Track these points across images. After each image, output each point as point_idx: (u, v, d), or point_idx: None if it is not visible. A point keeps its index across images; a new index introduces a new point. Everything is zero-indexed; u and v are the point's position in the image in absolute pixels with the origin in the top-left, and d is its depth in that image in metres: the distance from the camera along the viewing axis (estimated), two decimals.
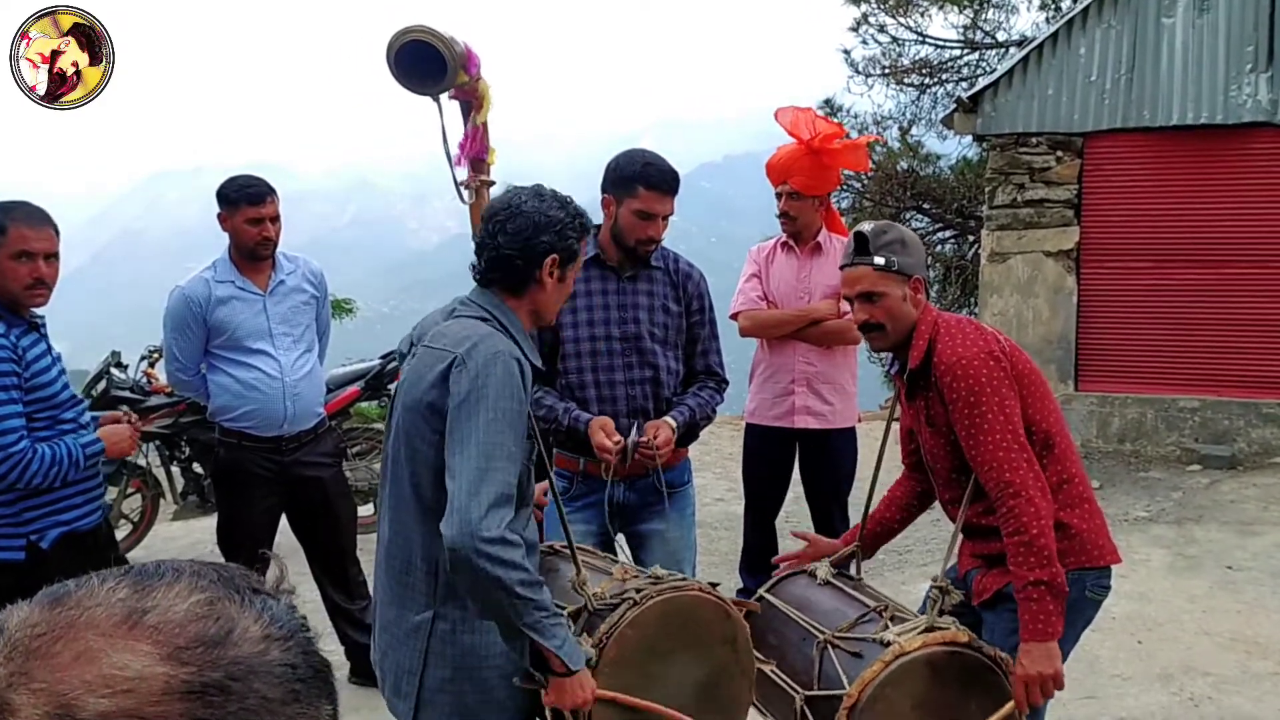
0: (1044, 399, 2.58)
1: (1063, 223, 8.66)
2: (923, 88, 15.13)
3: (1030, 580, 2.38)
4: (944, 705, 2.37)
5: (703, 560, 5.77)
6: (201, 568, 0.71)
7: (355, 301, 12.24)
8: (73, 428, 3.07)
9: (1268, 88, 8.03)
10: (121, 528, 5.95)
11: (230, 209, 3.81)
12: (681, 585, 2.40)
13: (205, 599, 0.68)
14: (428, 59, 3.11)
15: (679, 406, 3.24)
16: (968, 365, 2.47)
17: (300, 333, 3.98)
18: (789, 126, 4.40)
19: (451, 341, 2.21)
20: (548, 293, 2.35)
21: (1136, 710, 3.94)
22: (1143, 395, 8.50)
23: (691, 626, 2.37)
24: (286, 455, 3.94)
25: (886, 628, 2.44)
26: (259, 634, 0.68)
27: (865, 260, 2.57)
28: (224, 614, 0.67)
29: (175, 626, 0.65)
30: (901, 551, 6.01)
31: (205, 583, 0.69)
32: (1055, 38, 8.74)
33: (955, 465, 2.63)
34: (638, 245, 3.16)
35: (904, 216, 14.26)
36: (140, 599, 0.66)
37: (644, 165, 3.14)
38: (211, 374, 3.89)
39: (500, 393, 2.12)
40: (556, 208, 2.32)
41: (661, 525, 3.28)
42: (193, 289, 3.81)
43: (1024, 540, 2.38)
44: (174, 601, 0.67)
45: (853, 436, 4.54)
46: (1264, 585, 5.30)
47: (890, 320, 2.58)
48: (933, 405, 2.60)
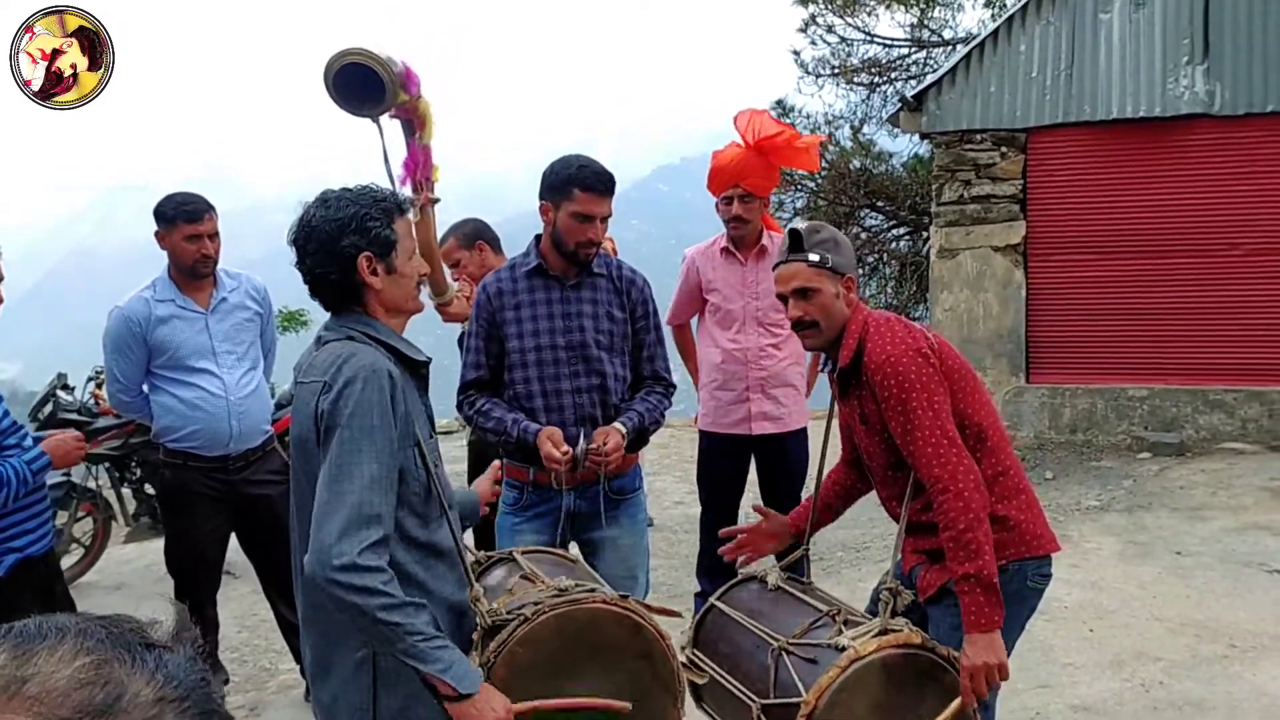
0: (975, 392, 2.61)
1: (1009, 218, 8.78)
2: (873, 86, 15.25)
3: (961, 574, 2.41)
4: (900, 706, 2.37)
5: (664, 564, 5.79)
6: (88, 625, 0.67)
7: (308, 313, 12.14)
8: (15, 453, 3.04)
9: (1204, 79, 8.19)
10: (74, 552, 5.87)
11: (168, 227, 3.77)
12: (581, 598, 2.26)
13: (91, 662, 0.63)
14: (366, 81, 3.10)
15: (628, 412, 3.23)
16: (895, 362, 2.49)
17: (244, 350, 3.94)
18: (741, 129, 4.41)
19: (320, 370, 2.13)
20: (387, 289, 2.21)
21: (1089, 697, 3.99)
22: (1093, 385, 8.64)
23: (596, 641, 2.25)
24: (234, 474, 3.90)
25: (840, 632, 2.44)
26: (151, 697, 0.64)
27: (799, 257, 2.60)
28: (112, 678, 0.63)
29: (58, 696, 0.61)
30: (859, 548, 6.06)
31: (92, 643, 0.65)
32: (996, 35, 8.87)
33: (890, 462, 2.65)
34: (578, 249, 3.16)
35: (858, 215, 14.39)
36: (20, 666, 0.62)
37: (578, 168, 3.14)
38: (154, 394, 3.84)
39: (357, 410, 2.03)
40: (348, 204, 2.16)
41: (614, 532, 3.29)
42: (132, 309, 3.76)
43: (953, 535, 2.42)
44: (57, 667, 0.62)
45: (805, 436, 4.57)
46: (1213, 570, 5.39)
47: (824, 317, 2.61)
48: (865, 404, 2.63)
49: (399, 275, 2.21)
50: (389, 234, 2.18)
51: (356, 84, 3.11)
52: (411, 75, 3.26)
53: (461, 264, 4.35)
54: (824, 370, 2.80)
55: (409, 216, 2.27)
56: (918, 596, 2.65)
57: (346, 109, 3.19)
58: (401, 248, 2.21)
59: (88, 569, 5.95)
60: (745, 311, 4.44)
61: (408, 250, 2.23)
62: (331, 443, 2.04)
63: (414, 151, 3.55)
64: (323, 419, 2.07)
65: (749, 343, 4.43)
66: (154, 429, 3.90)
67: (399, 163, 3.56)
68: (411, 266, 2.25)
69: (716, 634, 2.76)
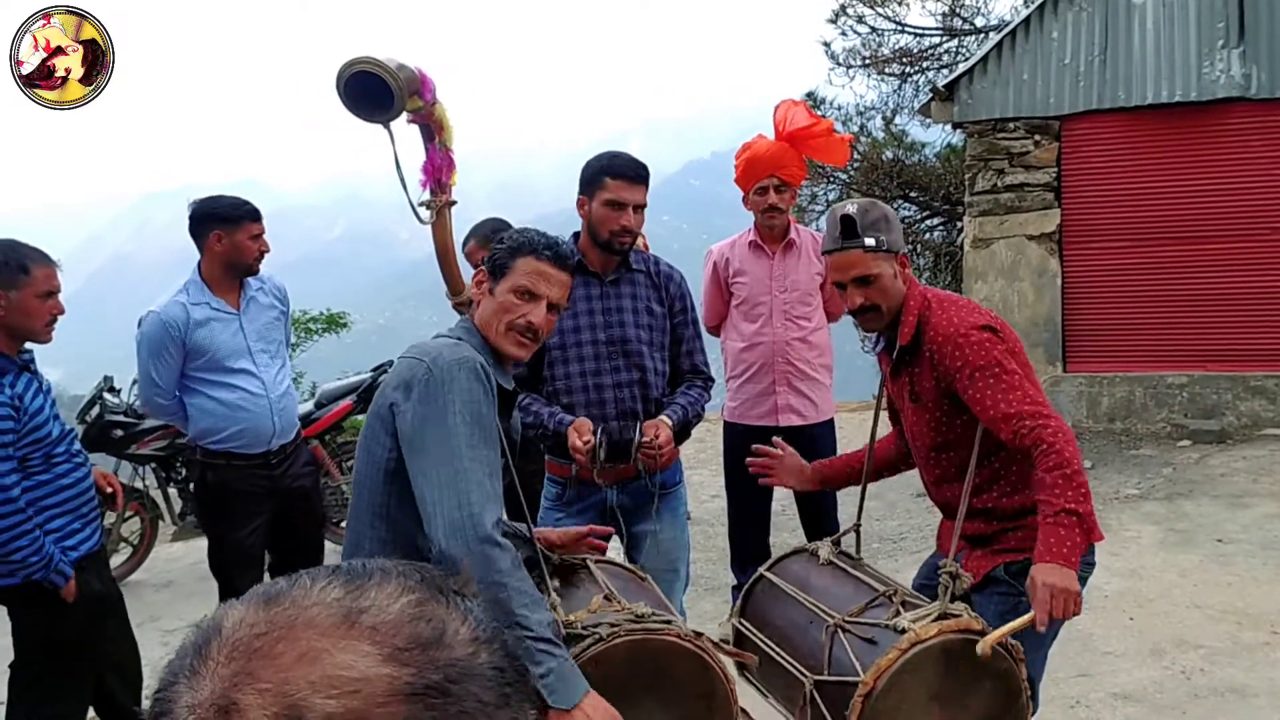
0: (1031, 374, 2.58)
1: (1044, 206, 8.72)
2: (904, 76, 15.17)
3: (1065, 508, 2.33)
4: (957, 693, 2.32)
5: (701, 557, 5.82)
6: (405, 568, 0.70)
7: (349, 315, 12.19)
8: (64, 459, 3.14)
9: (1240, 63, 8.10)
10: (122, 551, 6.00)
11: (231, 226, 3.82)
12: (657, 628, 2.26)
13: (415, 599, 0.66)
14: (376, 89, 3.15)
15: (671, 406, 3.26)
16: (967, 334, 2.47)
17: (276, 348, 4.04)
18: (777, 120, 4.43)
19: (421, 350, 2.27)
20: (481, 306, 2.41)
21: (1129, 685, 3.98)
22: (1131, 374, 8.57)
23: (662, 673, 2.25)
24: (275, 469, 3.98)
25: (899, 613, 2.38)
26: (468, 636, 0.66)
27: (855, 243, 2.54)
28: (434, 615, 0.66)
29: (392, 627, 0.64)
30: (895, 539, 6.07)
31: (412, 583, 0.68)
32: (1028, 23, 8.81)
33: (935, 443, 2.64)
34: (612, 238, 3.19)
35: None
36: (355, 599, 0.65)
37: (610, 159, 3.23)
38: (190, 397, 3.87)
39: (466, 398, 2.15)
40: (523, 234, 2.42)
41: (654, 526, 3.31)
42: (169, 313, 3.79)
43: (1065, 473, 2.35)
44: (388, 601, 0.65)
45: (832, 427, 4.59)
46: (1254, 557, 5.35)
47: (885, 300, 2.57)
48: (919, 380, 2.60)
49: (499, 296, 2.36)
50: (503, 260, 2.37)
51: (368, 92, 3.15)
52: (426, 81, 3.30)
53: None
54: (875, 350, 2.78)
55: (542, 266, 2.37)
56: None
57: (359, 116, 3.24)
58: (515, 269, 2.35)
59: (136, 567, 6.08)
60: (772, 304, 4.46)
61: (514, 288, 2.35)
62: (445, 423, 2.13)
63: (433, 155, 3.59)
64: (428, 399, 2.15)
65: (776, 335, 4.44)
66: (191, 432, 3.94)
67: (419, 167, 3.63)
68: (511, 301, 2.35)
69: (766, 606, 2.72)
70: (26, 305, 3.02)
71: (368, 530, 2.27)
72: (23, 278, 3.01)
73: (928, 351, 2.54)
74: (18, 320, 3.02)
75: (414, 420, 2.16)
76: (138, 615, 4.18)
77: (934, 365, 2.53)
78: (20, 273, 3.01)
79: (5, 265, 2.99)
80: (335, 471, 6.26)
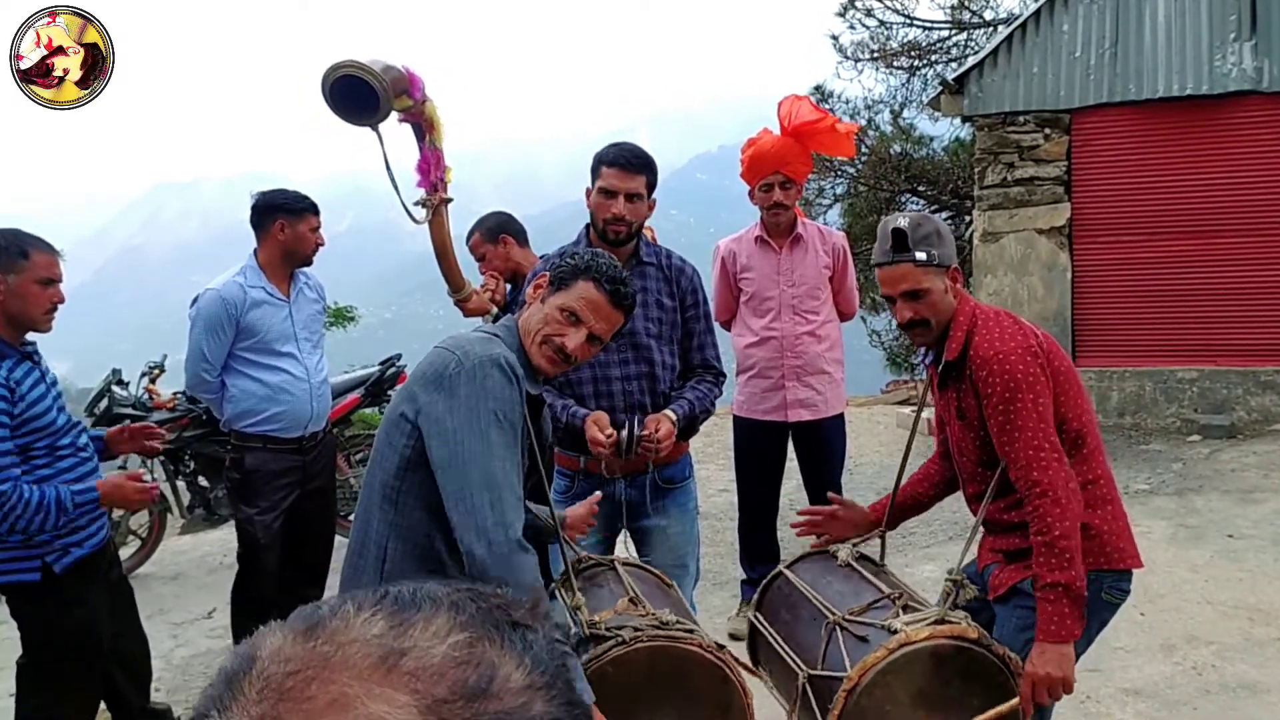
0: (1077, 396, 2.54)
1: (1053, 200, 8.68)
2: (912, 70, 15.11)
3: (1049, 581, 2.35)
4: (944, 699, 2.34)
5: (710, 551, 5.81)
6: (459, 598, 0.65)
7: (356, 309, 12.18)
8: (70, 452, 3.13)
9: (1252, 56, 8.05)
10: (130, 544, 6.00)
11: (294, 217, 3.99)
12: (680, 636, 2.27)
13: (465, 640, 0.61)
14: (362, 92, 3.13)
15: (678, 400, 3.24)
16: (1004, 359, 2.43)
17: (317, 339, 4.21)
18: (781, 115, 4.42)
19: (453, 343, 2.27)
20: (531, 309, 2.43)
21: (1140, 681, 3.97)
22: (1141, 368, 8.53)
23: (682, 681, 2.25)
24: (307, 454, 4.11)
25: (897, 615, 2.42)
26: (521, 683, 0.60)
27: (906, 257, 2.49)
28: (484, 659, 0.60)
29: (434, 673, 0.58)
30: (905, 534, 6.05)
31: (465, 617, 0.63)
32: (1038, 16, 8.76)
33: (981, 459, 2.60)
34: (605, 226, 3.17)
35: (899, 200, 14.28)
36: (398, 637, 0.60)
37: (609, 148, 3.23)
38: (231, 378, 3.98)
39: (496, 394, 2.17)
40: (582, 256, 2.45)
41: (664, 521, 3.30)
42: (229, 291, 3.92)
43: (1047, 540, 2.36)
44: (432, 643, 0.60)
45: (842, 422, 4.57)
46: (1265, 552, 5.33)
47: (935, 315, 2.53)
48: (964, 397, 2.56)
49: (546, 307, 2.37)
50: (564, 275, 2.39)
51: (354, 95, 3.14)
52: (414, 80, 3.28)
53: (487, 258, 4.33)
54: (925, 363, 2.75)
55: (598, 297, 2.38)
56: (985, 592, 2.61)
57: (346, 119, 3.23)
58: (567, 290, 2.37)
59: (144, 560, 6.08)
60: (780, 299, 4.45)
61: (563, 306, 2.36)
62: (474, 420, 2.14)
63: (425, 154, 3.59)
64: (458, 391, 2.16)
65: (784, 330, 4.44)
66: (228, 413, 4.03)
67: (414, 167, 3.64)
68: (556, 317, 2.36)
69: (780, 600, 2.76)
70: (25, 290, 3.01)
71: (377, 511, 2.27)
72: (22, 262, 3.01)
73: (969, 370, 2.51)
74: (16, 306, 3.01)
75: (441, 414, 2.16)
76: (147, 608, 4.19)
77: (974, 385, 2.51)
78: (20, 257, 3.01)
79: (5, 250, 3.00)
80: (343, 465, 6.26)
